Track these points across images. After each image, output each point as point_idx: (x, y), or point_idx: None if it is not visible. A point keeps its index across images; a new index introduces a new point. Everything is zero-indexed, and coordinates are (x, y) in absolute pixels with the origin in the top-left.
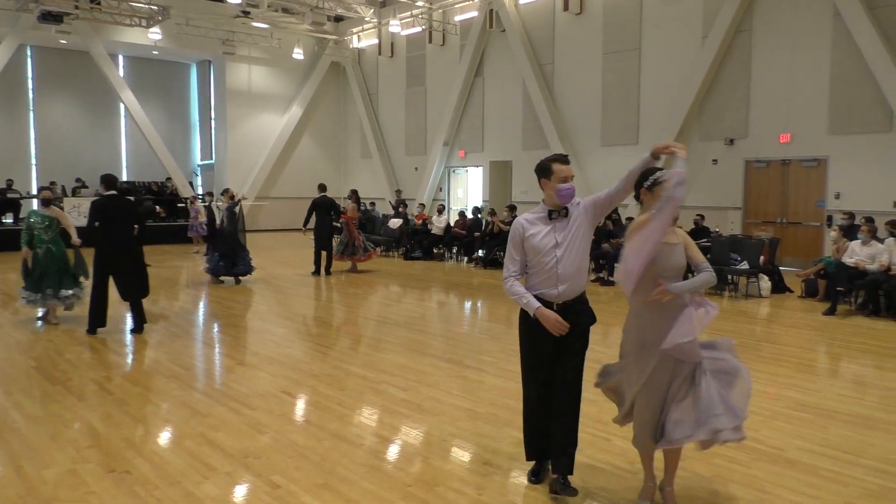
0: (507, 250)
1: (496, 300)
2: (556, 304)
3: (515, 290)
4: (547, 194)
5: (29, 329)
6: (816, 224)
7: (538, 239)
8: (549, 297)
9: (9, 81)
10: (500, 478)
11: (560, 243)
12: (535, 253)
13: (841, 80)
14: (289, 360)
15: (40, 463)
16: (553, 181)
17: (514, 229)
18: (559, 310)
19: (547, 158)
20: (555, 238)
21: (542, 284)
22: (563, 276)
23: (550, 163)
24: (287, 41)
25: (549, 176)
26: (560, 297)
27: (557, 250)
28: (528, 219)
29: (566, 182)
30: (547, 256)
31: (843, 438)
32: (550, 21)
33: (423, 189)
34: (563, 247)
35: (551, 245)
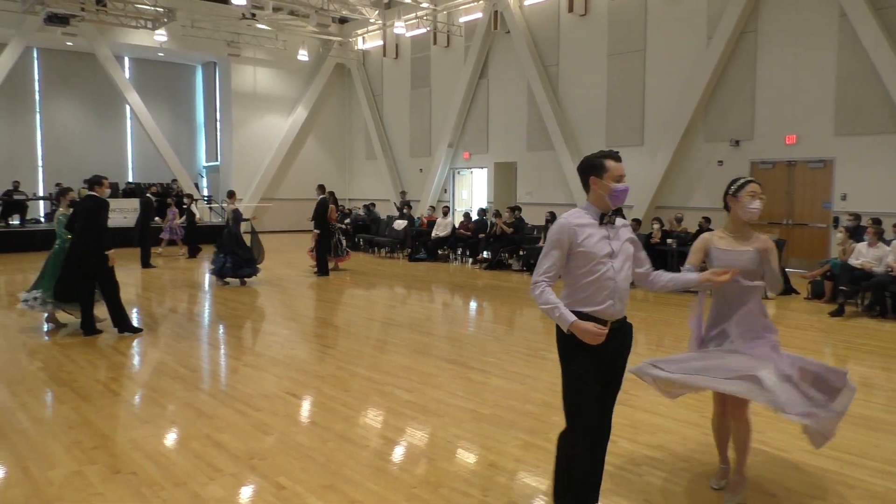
0: (546, 252)
1: (501, 302)
2: (611, 323)
3: (548, 299)
4: (596, 195)
5: (35, 330)
6: (822, 225)
7: (593, 244)
8: (601, 314)
9: (15, 83)
10: (505, 479)
11: (616, 253)
12: (588, 260)
13: (847, 80)
14: (294, 361)
15: (46, 464)
16: (606, 180)
17: (562, 230)
18: (615, 331)
19: (596, 154)
20: (610, 246)
21: (593, 299)
22: (619, 291)
23: (602, 159)
24: (292, 43)
25: (602, 174)
26: (614, 315)
27: (614, 260)
28: (576, 221)
29: (621, 181)
30: (602, 265)
31: (849, 440)
32: (555, 22)
33: (427, 190)
34: (619, 257)
35: (606, 253)
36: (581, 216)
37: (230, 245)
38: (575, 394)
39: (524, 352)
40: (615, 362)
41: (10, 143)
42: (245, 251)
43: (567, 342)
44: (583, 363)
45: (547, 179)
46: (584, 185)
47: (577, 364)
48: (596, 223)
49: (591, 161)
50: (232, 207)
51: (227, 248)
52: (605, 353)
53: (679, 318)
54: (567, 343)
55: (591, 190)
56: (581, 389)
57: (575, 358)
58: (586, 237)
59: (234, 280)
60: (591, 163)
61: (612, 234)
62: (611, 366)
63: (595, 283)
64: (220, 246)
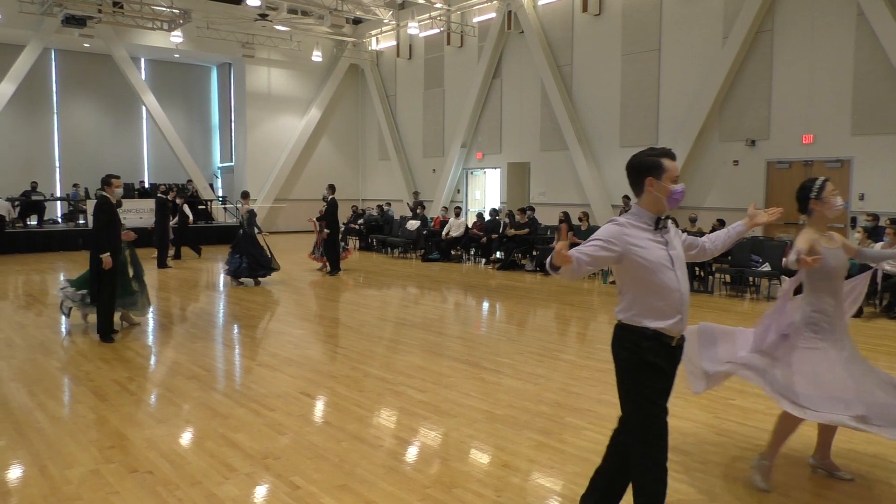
0: (592, 241)
1: (514, 302)
2: (675, 339)
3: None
4: (651, 197)
5: (52, 330)
6: (840, 226)
7: (650, 252)
8: (668, 330)
9: (33, 85)
10: (519, 480)
11: (675, 261)
12: (648, 271)
13: (864, 80)
14: (307, 361)
15: (63, 463)
16: (664, 181)
17: (614, 236)
18: (676, 351)
19: (650, 153)
20: (668, 254)
21: (661, 313)
22: (685, 304)
23: (660, 158)
24: (306, 43)
25: (660, 174)
26: (681, 330)
27: (676, 270)
28: (630, 228)
29: (677, 182)
30: (665, 277)
31: (866, 442)
32: (569, 22)
33: (440, 191)
34: (679, 266)
35: (666, 262)
36: (635, 222)
37: (246, 246)
38: (649, 418)
39: (537, 352)
40: (673, 379)
41: (27, 144)
42: (261, 251)
43: (631, 362)
44: (651, 383)
45: (560, 180)
46: (634, 186)
47: (645, 385)
48: (650, 229)
49: (646, 160)
50: (247, 208)
51: (242, 248)
52: (670, 371)
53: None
54: (631, 363)
55: (644, 192)
56: (655, 413)
57: (642, 379)
58: (642, 246)
59: (249, 280)
60: (646, 162)
61: (668, 241)
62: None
63: (660, 296)
64: (236, 247)
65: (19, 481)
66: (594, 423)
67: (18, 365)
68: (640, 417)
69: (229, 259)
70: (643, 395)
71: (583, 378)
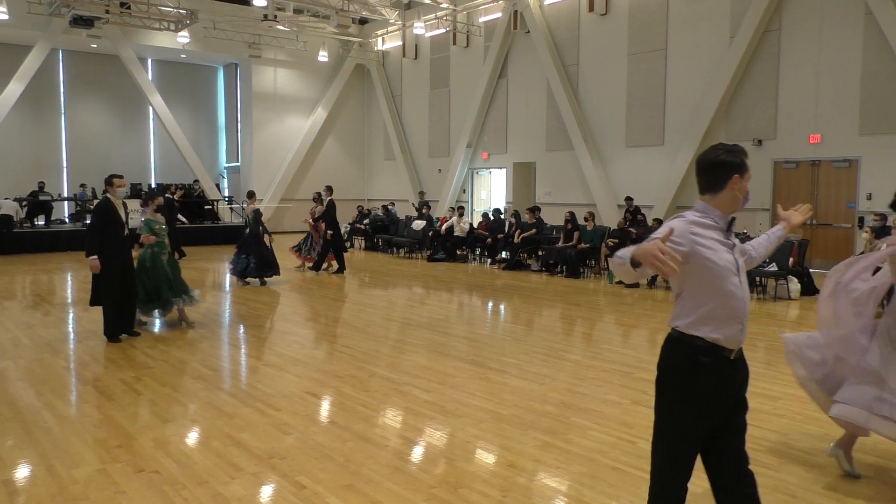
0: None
1: (519, 302)
2: (734, 352)
3: (620, 252)
4: (730, 197)
5: (59, 330)
6: (847, 225)
7: (717, 254)
8: (729, 341)
9: (41, 85)
10: (525, 480)
11: (740, 267)
12: (714, 276)
13: (872, 79)
14: (313, 361)
15: (70, 462)
16: (746, 180)
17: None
18: (737, 364)
19: (732, 149)
20: (734, 258)
21: (722, 323)
22: (747, 314)
23: (743, 157)
24: (312, 44)
25: (744, 173)
26: (741, 342)
27: (741, 275)
28: (698, 227)
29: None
30: (729, 283)
31: (874, 442)
32: (575, 22)
33: (446, 191)
34: (742, 273)
35: (732, 266)
36: (703, 218)
37: (252, 246)
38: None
39: (543, 352)
40: (738, 397)
41: (35, 144)
42: (267, 251)
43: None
44: (692, 416)
45: (566, 179)
46: (712, 184)
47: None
48: (721, 229)
49: (730, 158)
50: (252, 208)
51: (249, 248)
52: (727, 389)
53: None
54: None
55: (725, 190)
56: (691, 428)
57: (693, 394)
58: (709, 245)
59: (255, 280)
60: (731, 160)
61: (735, 245)
62: (733, 403)
63: (723, 304)
64: (242, 246)
65: (27, 480)
66: (600, 424)
67: (26, 365)
68: (666, 455)
69: (235, 259)
70: (686, 423)
71: (588, 378)
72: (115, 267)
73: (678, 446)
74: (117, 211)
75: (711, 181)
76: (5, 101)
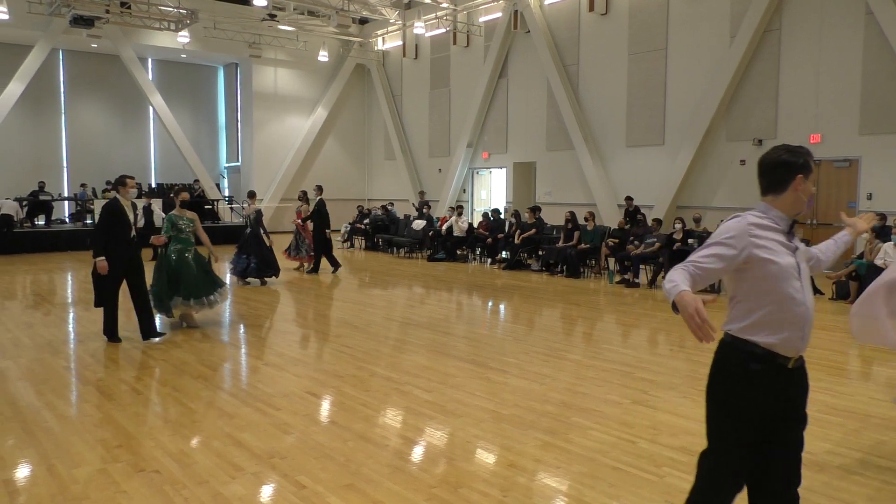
0: (709, 244)
1: (520, 302)
2: (793, 360)
3: (672, 275)
4: (794, 198)
5: (59, 330)
6: None
7: (779, 257)
8: (785, 347)
9: (41, 85)
10: (525, 480)
11: (802, 271)
12: (772, 278)
13: (873, 79)
14: (313, 360)
15: (71, 462)
16: (810, 182)
17: (739, 233)
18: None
19: (794, 150)
20: (796, 262)
21: (777, 328)
22: (809, 320)
23: (808, 158)
24: (312, 44)
25: (808, 174)
26: (800, 350)
27: (803, 280)
28: (758, 227)
29: None
30: (790, 286)
31: (875, 442)
32: (575, 22)
33: (446, 191)
34: (805, 277)
35: (794, 270)
36: (763, 219)
37: (253, 246)
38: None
39: (543, 352)
40: (796, 410)
41: (35, 144)
42: (267, 252)
43: (731, 382)
44: (744, 423)
45: (566, 179)
46: (774, 184)
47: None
48: (783, 232)
49: (793, 158)
50: (254, 208)
51: (251, 248)
52: (783, 400)
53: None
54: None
55: (788, 191)
56: (745, 432)
57: (741, 403)
58: (770, 247)
59: (255, 280)
60: (794, 160)
61: (798, 248)
62: (790, 416)
63: (781, 308)
64: (243, 247)
65: (27, 480)
66: (600, 423)
67: (26, 364)
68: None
69: (236, 259)
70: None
71: (589, 378)
72: (120, 268)
73: (725, 458)
74: (125, 212)
75: (773, 182)
76: (5, 101)
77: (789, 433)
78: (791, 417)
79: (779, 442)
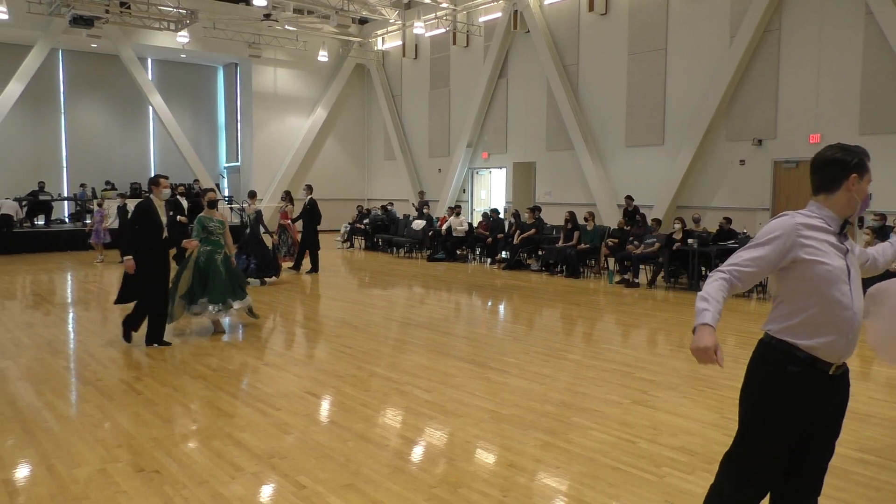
0: (751, 245)
1: (519, 302)
2: (835, 366)
3: (708, 290)
4: (847, 198)
5: (59, 329)
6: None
7: (827, 258)
8: (827, 353)
9: (41, 85)
10: (525, 480)
11: (852, 275)
12: (819, 279)
13: (873, 79)
14: (313, 361)
15: (71, 462)
16: (865, 182)
17: (786, 231)
18: (835, 382)
19: (853, 149)
20: (846, 265)
21: (820, 331)
22: (856, 326)
23: (864, 157)
24: (312, 44)
25: (864, 174)
26: (843, 357)
27: (852, 284)
28: (806, 224)
29: None
30: (837, 289)
31: (875, 442)
32: (575, 21)
33: (446, 191)
34: (855, 281)
35: (843, 274)
36: (813, 219)
37: (253, 246)
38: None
39: (543, 352)
40: (832, 420)
41: (35, 144)
42: (267, 252)
43: (767, 384)
44: (780, 423)
45: (566, 179)
46: (826, 183)
47: (772, 421)
48: (833, 232)
49: (847, 156)
50: (254, 208)
51: (251, 248)
52: (821, 407)
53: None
54: (766, 386)
55: (841, 190)
56: (779, 436)
57: (775, 406)
58: (818, 248)
59: (255, 281)
60: (852, 160)
61: (849, 250)
62: (825, 424)
63: (827, 311)
64: (243, 247)
65: (27, 480)
66: (600, 423)
67: (26, 364)
68: (742, 455)
69: (236, 259)
70: (776, 430)
71: (589, 378)
72: (149, 268)
73: (754, 462)
74: (158, 212)
75: (825, 180)
76: (5, 101)
77: (823, 442)
78: (826, 425)
79: (809, 450)
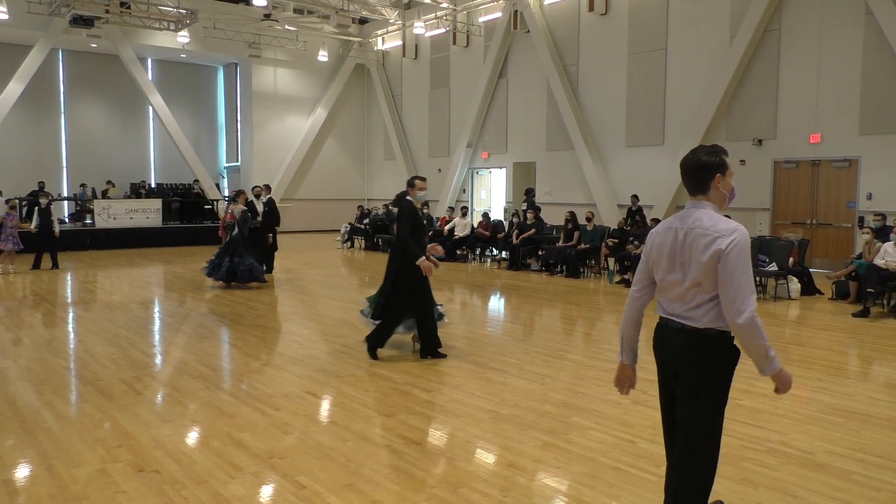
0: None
1: (520, 302)
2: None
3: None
4: (719, 196)
5: (59, 329)
6: (847, 225)
7: None
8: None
9: (41, 85)
10: (525, 480)
11: None
12: None
13: (873, 79)
14: (313, 361)
15: (70, 462)
16: (728, 177)
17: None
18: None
19: (711, 151)
20: None
21: None
22: None
23: (724, 156)
24: (312, 43)
25: (726, 171)
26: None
27: None
28: None
29: None
30: None
31: (875, 442)
32: (575, 21)
33: (446, 191)
34: None
35: None
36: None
37: (240, 247)
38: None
39: (543, 352)
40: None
41: (35, 144)
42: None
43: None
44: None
45: (566, 179)
46: (701, 184)
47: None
48: None
49: (714, 159)
50: (240, 208)
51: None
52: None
53: None
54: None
55: (712, 190)
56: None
57: (726, 385)
58: None
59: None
60: (719, 159)
61: None
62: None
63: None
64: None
65: (27, 480)
66: (600, 423)
67: (26, 364)
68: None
69: (213, 259)
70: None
71: (589, 378)
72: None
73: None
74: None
75: (699, 182)
76: (5, 101)
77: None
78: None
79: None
